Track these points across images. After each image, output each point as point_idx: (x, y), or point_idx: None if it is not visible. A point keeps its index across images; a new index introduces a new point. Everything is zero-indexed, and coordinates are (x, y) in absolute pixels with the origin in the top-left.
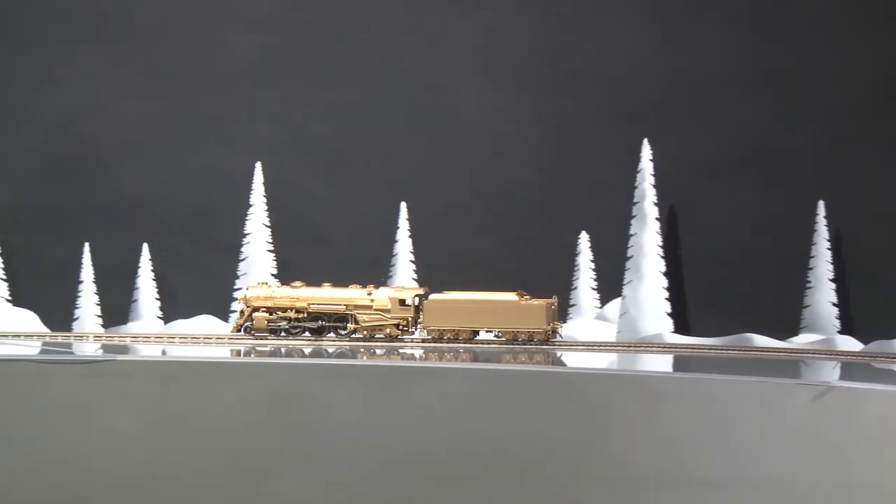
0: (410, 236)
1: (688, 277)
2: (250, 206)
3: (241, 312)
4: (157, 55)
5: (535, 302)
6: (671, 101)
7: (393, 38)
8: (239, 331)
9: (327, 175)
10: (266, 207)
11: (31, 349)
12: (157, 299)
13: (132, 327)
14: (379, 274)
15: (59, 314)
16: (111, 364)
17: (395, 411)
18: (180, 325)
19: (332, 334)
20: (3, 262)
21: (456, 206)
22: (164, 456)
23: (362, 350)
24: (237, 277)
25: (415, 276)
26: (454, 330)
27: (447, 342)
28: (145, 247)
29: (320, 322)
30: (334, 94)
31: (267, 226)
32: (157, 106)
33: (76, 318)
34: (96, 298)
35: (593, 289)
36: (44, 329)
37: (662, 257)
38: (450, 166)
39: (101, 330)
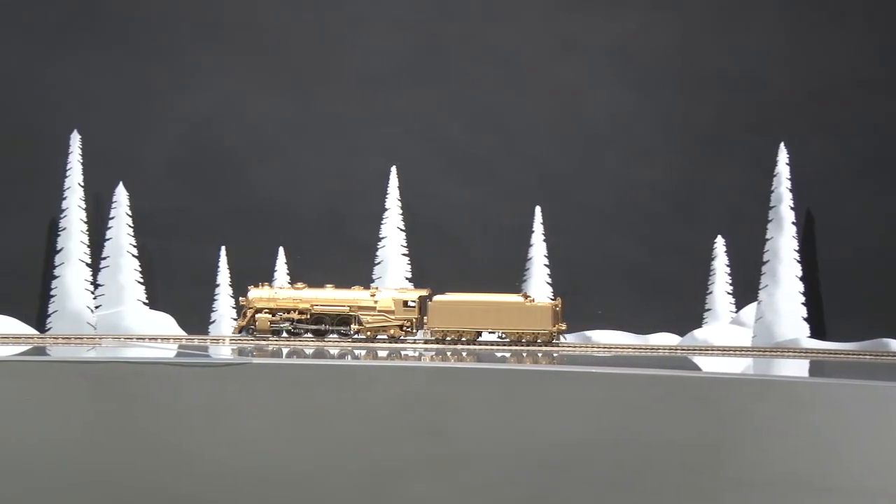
0: (545, 240)
1: (824, 282)
2: (385, 209)
3: (244, 314)
4: (290, 59)
5: (541, 304)
6: (807, 104)
7: (528, 41)
8: (240, 332)
9: (462, 179)
10: (401, 211)
11: (168, 352)
12: None
13: None
14: (512, 278)
15: (195, 317)
16: (246, 367)
17: (527, 415)
18: None
19: (334, 335)
20: (141, 266)
21: (590, 209)
22: (297, 459)
23: (496, 354)
24: (372, 281)
25: (549, 279)
26: (458, 331)
27: (462, 343)
28: (281, 250)
29: (324, 325)
30: (469, 98)
31: (401, 229)
32: (291, 109)
33: (212, 322)
34: (232, 302)
35: (728, 293)
36: (180, 332)
37: (799, 262)
38: (584, 170)
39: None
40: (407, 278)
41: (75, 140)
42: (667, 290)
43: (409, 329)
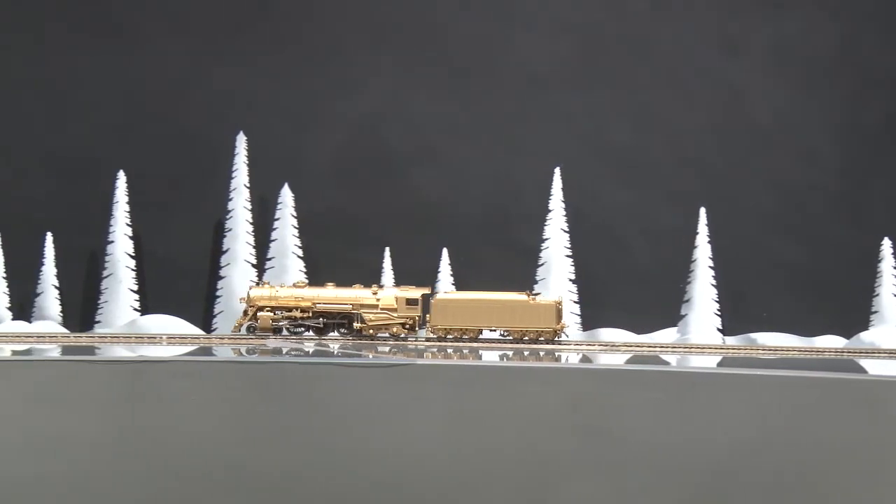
0: (710, 242)
1: None
2: (549, 211)
3: (245, 312)
4: (455, 60)
5: (545, 301)
6: None
7: (692, 42)
8: (240, 330)
9: (625, 180)
10: (564, 212)
11: (334, 352)
12: None
13: None
14: (676, 279)
15: None
16: (411, 368)
17: (691, 417)
18: None
19: (335, 333)
20: (306, 267)
21: (754, 210)
22: (460, 459)
23: (658, 356)
24: (535, 283)
25: (713, 281)
26: (461, 329)
27: (463, 342)
28: (445, 251)
29: (324, 321)
30: (633, 99)
31: (565, 231)
32: (456, 110)
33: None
34: None
35: (895, 295)
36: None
37: None
38: (748, 171)
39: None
40: (571, 280)
41: (241, 142)
42: (832, 292)
43: (411, 327)
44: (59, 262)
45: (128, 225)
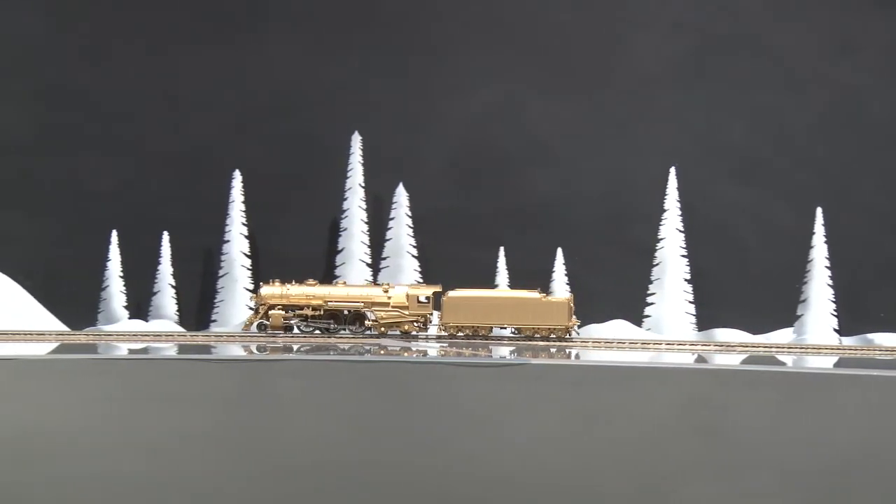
0: (826, 241)
1: None
2: (664, 210)
3: (256, 310)
4: (568, 59)
5: (557, 299)
6: None
7: (805, 41)
8: (250, 328)
9: (740, 179)
10: (679, 212)
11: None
12: None
13: None
14: (792, 279)
15: None
16: (524, 368)
17: (807, 419)
18: (593, 330)
19: (346, 331)
20: (420, 266)
21: (871, 210)
22: (574, 459)
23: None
24: (650, 282)
25: (830, 281)
26: (472, 327)
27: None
28: (559, 251)
29: (333, 321)
30: (747, 98)
31: (680, 230)
32: (569, 109)
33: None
34: None
35: None
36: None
37: None
38: (863, 170)
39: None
40: (686, 279)
41: (356, 141)
42: None
43: (422, 325)
44: (176, 262)
45: (243, 224)
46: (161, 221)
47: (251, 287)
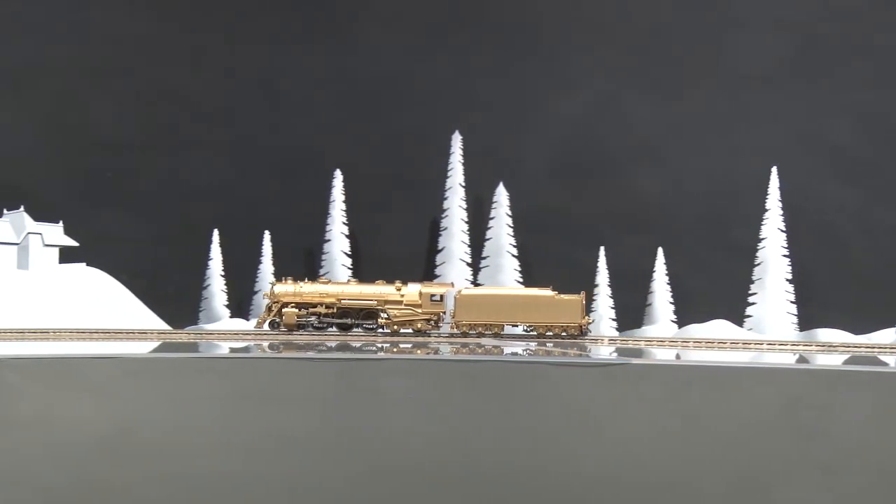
0: None
1: None
2: (766, 210)
3: (269, 308)
4: (670, 59)
5: (571, 297)
6: None
7: None
8: (263, 326)
9: (845, 179)
10: (781, 212)
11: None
12: (671, 303)
13: (647, 331)
14: (895, 279)
15: None
16: (624, 368)
17: None
18: (694, 330)
19: (359, 329)
20: (521, 266)
21: None
22: (674, 460)
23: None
24: (752, 282)
25: None
26: (485, 324)
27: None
28: (660, 251)
29: (350, 319)
30: (851, 97)
31: (782, 230)
32: (671, 109)
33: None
34: (611, 302)
35: None
36: None
37: None
38: None
39: (616, 333)
40: (787, 279)
41: (456, 141)
42: None
43: (435, 323)
44: (277, 261)
45: (344, 223)
46: (262, 221)
47: None
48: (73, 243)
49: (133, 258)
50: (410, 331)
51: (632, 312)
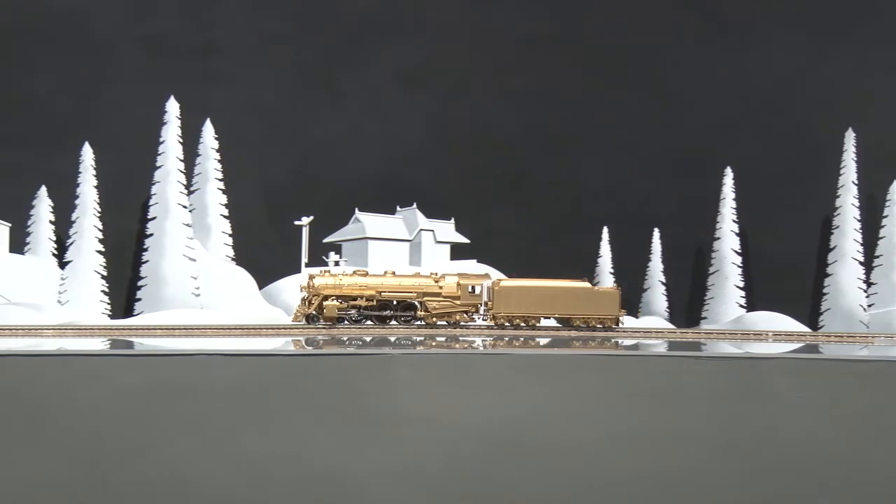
0: None
1: None
2: None
3: (308, 301)
4: None
5: (608, 289)
6: None
7: None
8: (300, 319)
9: None
10: None
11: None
12: None
13: None
14: None
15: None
16: None
17: None
18: None
19: (394, 322)
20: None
21: None
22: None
23: None
24: None
25: None
26: (523, 316)
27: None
28: None
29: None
30: None
31: None
32: None
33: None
34: None
35: None
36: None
37: None
38: None
39: None
40: None
41: (850, 138)
42: None
43: (473, 314)
44: (667, 258)
45: (734, 221)
46: (652, 218)
47: (741, 284)
48: (464, 240)
49: (522, 254)
50: (445, 323)
51: None
